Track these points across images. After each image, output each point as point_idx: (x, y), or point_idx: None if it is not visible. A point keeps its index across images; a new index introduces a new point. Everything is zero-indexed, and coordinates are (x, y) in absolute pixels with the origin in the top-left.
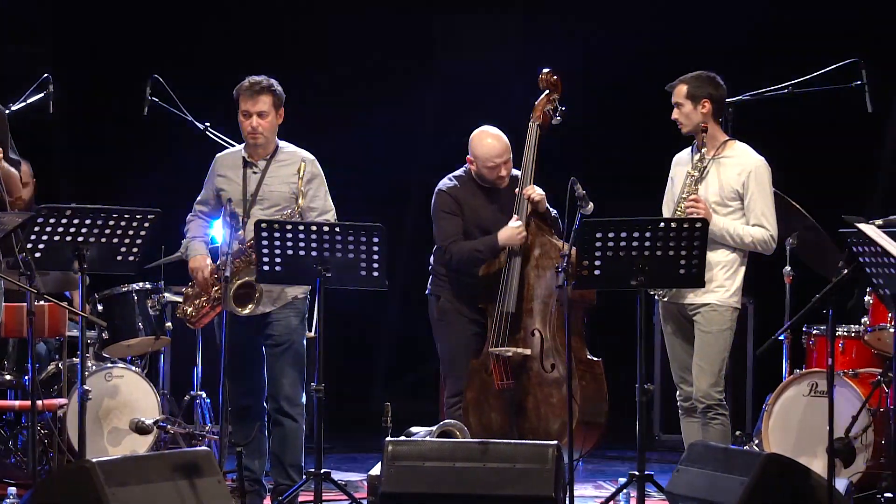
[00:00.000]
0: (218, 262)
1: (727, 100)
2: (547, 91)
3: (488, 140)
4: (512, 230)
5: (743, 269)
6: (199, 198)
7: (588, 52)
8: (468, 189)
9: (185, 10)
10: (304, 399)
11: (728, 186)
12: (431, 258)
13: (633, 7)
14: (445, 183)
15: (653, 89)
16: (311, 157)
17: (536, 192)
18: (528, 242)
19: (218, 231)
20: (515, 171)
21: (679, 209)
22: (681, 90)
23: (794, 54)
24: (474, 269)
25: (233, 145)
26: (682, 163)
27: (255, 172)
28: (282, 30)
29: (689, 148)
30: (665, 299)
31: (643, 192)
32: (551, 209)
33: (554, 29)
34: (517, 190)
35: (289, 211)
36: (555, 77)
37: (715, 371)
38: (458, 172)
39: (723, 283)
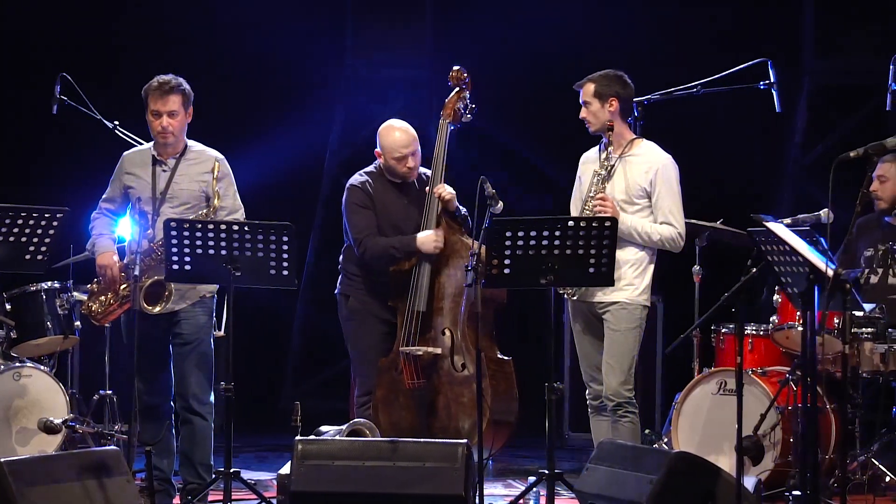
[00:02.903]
0: (126, 260)
1: (636, 99)
2: (458, 88)
3: (395, 131)
4: (429, 238)
5: (652, 266)
6: (104, 196)
7: (497, 53)
8: (379, 184)
9: (94, 9)
10: (212, 397)
11: (635, 185)
12: (341, 257)
13: (542, 7)
14: (356, 178)
15: (561, 88)
16: (221, 156)
17: (447, 191)
18: None
19: (124, 229)
20: (426, 170)
21: (587, 208)
22: (588, 89)
23: (704, 54)
24: (385, 267)
25: (142, 144)
26: (589, 162)
27: (164, 171)
28: (193, 30)
29: (597, 147)
30: (574, 298)
31: (552, 191)
32: (461, 208)
33: (463, 31)
34: (427, 188)
35: (203, 211)
36: (465, 74)
37: (624, 369)
38: (369, 168)
39: (632, 282)
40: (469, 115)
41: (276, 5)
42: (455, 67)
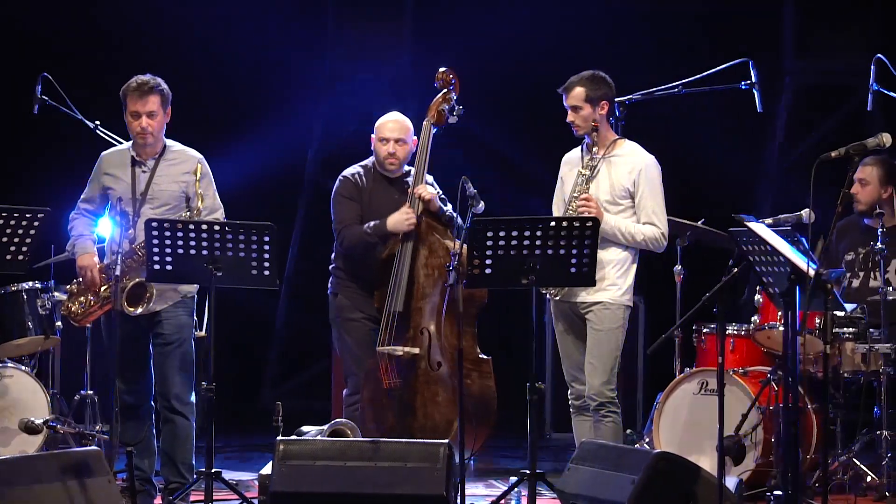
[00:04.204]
0: (107, 261)
1: (618, 99)
2: (444, 90)
3: (390, 116)
4: (400, 216)
5: (635, 266)
6: (83, 196)
7: (477, 52)
8: (370, 177)
9: (75, 9)
10: (193, 397)
11: (619, 185)
12: (332, 255)
13: (522, 5)
14: (349, 170)
15: (543, 87)
16: (201, 155)
17: (427, 191)
18: (417, 241)
19: (104, 229)
20: (412, 168)
21: (570, 208)
22: (578, 93)
23: (685, 54)
24: (368, 258)
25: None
26: (571, 162)
27: (144, 171)
28: (174, 30)
29: (579, 147)
30: (557, 298)
31: (534, 192)
32: (446, 208)
33: (443, 30)
34: (410, 189)
35: (187, 213)
36: (452, 75)
37: (607, 369)
38: (364, 161)
39: (615, 282)
40: (455, 117)
41: (257, 5)
42: (441, 69)
